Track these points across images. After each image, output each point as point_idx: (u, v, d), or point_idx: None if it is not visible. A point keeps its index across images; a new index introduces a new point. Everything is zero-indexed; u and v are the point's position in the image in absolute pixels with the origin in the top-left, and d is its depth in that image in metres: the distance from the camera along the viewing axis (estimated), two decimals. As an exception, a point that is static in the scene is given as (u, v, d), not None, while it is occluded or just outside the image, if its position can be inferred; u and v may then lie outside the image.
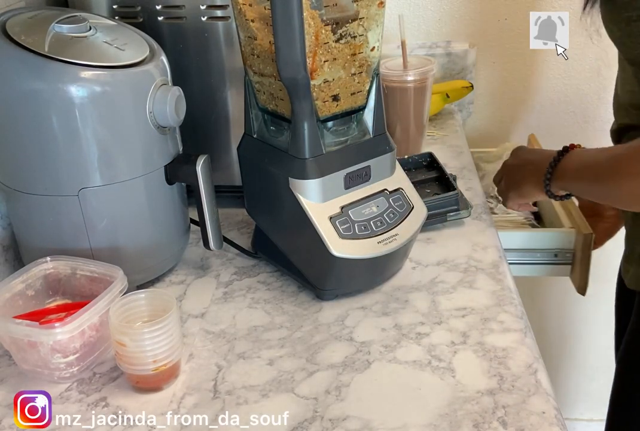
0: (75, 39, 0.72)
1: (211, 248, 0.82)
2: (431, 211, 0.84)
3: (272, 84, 0.73)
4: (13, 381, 0.68)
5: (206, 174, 0.77)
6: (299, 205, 0.73)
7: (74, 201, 0.73)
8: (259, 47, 0.71)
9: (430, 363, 0.67)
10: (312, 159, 0.72)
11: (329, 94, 0.72)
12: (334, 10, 0.68)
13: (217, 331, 0.74)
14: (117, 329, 0.63)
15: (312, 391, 0.65)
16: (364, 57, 0.72)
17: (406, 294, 0.78)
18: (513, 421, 0.60)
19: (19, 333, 0.64)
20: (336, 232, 0.73)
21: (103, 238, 0.75)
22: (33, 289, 0.71)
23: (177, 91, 0.75)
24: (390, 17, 1.17)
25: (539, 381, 0.64)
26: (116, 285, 0.68)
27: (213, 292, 0.81)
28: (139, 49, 0.75)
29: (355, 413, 0.62)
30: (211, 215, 0.79)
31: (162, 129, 0.75)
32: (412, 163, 0.99)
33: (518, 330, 0.71)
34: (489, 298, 0.77)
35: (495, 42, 1.35)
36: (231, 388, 0.66)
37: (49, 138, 0.70)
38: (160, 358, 0.64)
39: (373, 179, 0.77)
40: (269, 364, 0.69)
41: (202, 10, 0.86)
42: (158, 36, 0.83)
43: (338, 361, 0.68)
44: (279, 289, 0.81)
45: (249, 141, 0.80)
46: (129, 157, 0.73)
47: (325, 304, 0.78)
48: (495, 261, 0.83)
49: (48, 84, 0.68)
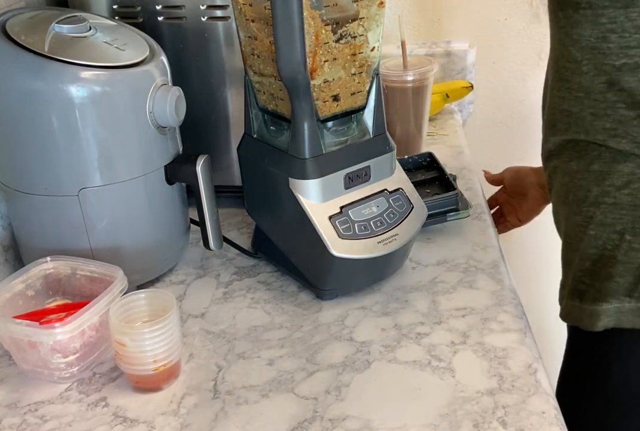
0: (75, 39, 0.72)
1: (211, 248, 0.82)
2: (431, 211, 0.84)
3: (272, 84, 0.73)
4: (13, 381, 0.68)
5: (206, 174, 0.77)
6: (299, 205, 0.73)
7: (74, 201, 0.73)
8: (259, 47, 0.71)
9: (430, 363, 0.67)
10: (312, 159, 0.72)
11: (329, 94, 0.72)
12: (334, 10, 0.68)
13: (217, 331, 0.74)
14: (117, 329, 0.63)
15: (312, 391, 0.65)
16: (364, 57, 0.72)
17: (406, 294, 0.78)
18: (513, 421, 0.60)
19: (19, 333, 0.64)
20: (336, 232, 0.73)
21: (103, 238, 0.75)
22: (33, 289, 0.71)
23: (177, 91, 0.75)
24: (390, 17, 1.17)
25: (539, 381, 0.64)
26: (116, 285, 0.68)
27: (213, 292, 0.81)
28: (139, 49, 0.75)
29: (355, 413, 0.62)
30: (211, 215, 0.79)
31: (162, 129, 0.75)
32: (412, 163, 0.99)
33: (518, 330, 0.71)
34: (489, 298, 0.77)
35: (495, 42, 1.35)
36: (231, 388, 0.66)
37: (49, 138, 0.70)
38: (160, 358, 0.64)
39: (373, 179, 0.77)
40: (269, 364, 0.69)
41: (202, 10, 0.86)
42: (158, 36, 0.83)
43: (338, 361, 0.68)
44: (279, 289, 0.81)
45: (249, 141, 0.80)
46: (129, 157, 0.73)
47: (325, 304, 0.78)
48: (495, 261, 0.83)
49: (48, 84, 0.68)
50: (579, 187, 0.73)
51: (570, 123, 0.73)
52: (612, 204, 0.70)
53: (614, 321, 0.71)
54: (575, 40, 0.67)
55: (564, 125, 0.74)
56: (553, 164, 0.77)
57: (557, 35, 0.71)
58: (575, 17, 0.66)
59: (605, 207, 0.71)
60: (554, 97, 0.75)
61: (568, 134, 0.73)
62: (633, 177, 0.69)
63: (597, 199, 0.71)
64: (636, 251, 0.70)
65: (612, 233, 0.71)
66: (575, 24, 0.66)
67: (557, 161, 0.77)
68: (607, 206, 0.71)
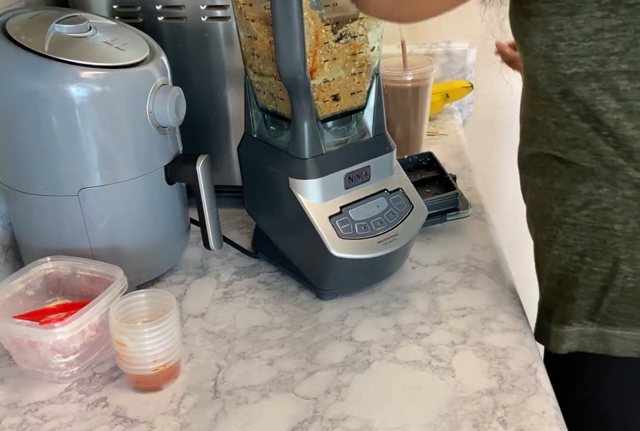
0: (75, 39, 0.72)
1: (211, 248, 0.82)
2: (431, 211, 0.84)
3: (272, 84, 0.73)
4: (13, 381, 0.68)
5: (206, 174, 0.77)
6: (299, 205, 0.73)
7: (74, 201, 0.72)
8: (259, 47, 0.71)
9: (430, 363, 0.67)
10: (312, 159, 0.72)
11: (329, 94, 0.72)
12: (334, 10, 0.68)
13: (217, 331, 0.74)
14: (117, 329, 0.63)
15: (312, 391, 0.65)
16: (364, 57, 0.72)
17: (406, 294, 0.78)
18: (513, 421, 0.60)
19: (19, 333, 0.64)
20: (336, 232, 0.73)
21: (103, 238, 0.75)
22: (33, 289, 0.71)
23: (177, 91, 0.75)
24: (390, 17, 1.17)
25: (539, 381, 0.64)
26: (116, 285, 0.68)
27: (213, 292, 0.81)
28: (139, 49, 0.75)
29: (355, 413, 0.62)
30: (211, 215, 0.79)
31: (162, 129, 0.75)
32: (412, 163, 0.99)
33: (518, 330, 0.71)
34: (489, 298, 0.77)
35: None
36: (231, 388, 0.66)
37: (49, 138, 0.70)
38: (160, 358, 0.64)
39: (373, 179, 0.77)
40: (269, 364, 0.69)
41: (202, 10, 0.86)
42: (158, 36, 0.83)
43: (338, 361, 0.68)
44: (279, 289, 0.81)
45: (249, 141, 0.80)
46: (129, 157, 0.73)
47: (325, 304, 0.78)
48: (495, 261, 0.83)
49: (48, 84, 0.68)
50: (543, 205, 0.72)
51: (536, 133, 0.71)
52: (572, 225, 0.69)
53: (577, 344, 0.69)
54: (529, 49, 0.66)
55: (531, 134, 0.73)
56: (523, 179, 0.77)
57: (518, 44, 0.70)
58: (527, 25, 0.64)
59: (566, 227, 0.69)
60: (523, 105, 0.74)
61: (534, 145, 0.72)
62: (591, 198, 0.67)
63: (559, 218, 0.70)
64: (596, 274, 0.68)
65: (573, 255, 0.69)
66: (528, 32, 0.64)
67: (526, 176, 0.76)
68: (568, 226, 0.69)
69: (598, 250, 0.67)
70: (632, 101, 0.62)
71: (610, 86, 0.62)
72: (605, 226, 0.66)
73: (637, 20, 0.59)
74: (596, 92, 0.63)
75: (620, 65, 0.61)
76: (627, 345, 0.66)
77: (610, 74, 0.61)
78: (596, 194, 0.66)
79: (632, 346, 0.66)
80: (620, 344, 0.66)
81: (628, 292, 0.66)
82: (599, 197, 0.66)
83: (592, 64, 0.62)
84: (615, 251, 0.66)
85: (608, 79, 0.62)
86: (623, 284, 0.66)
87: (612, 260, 0.66)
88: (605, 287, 0.67)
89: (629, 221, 0.65)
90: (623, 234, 0.65)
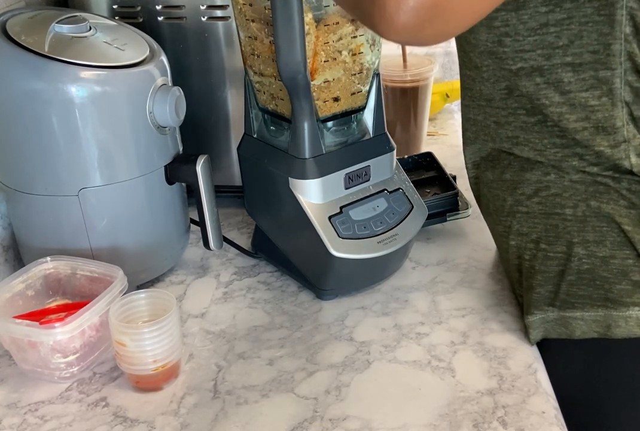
0: (75, 39, 0.72)
1: (211, 248, 0.82)
2: (431, 211, 0.84)
3: (272, 84, 0.73)
4: (13, 381, 0.68)
5: (206, 174, 0.77)
6: (299, 205, 0.73)
7: (74, 201, 0.73)
8: (259, 47, 0.71)
9: (430, 363, 0.67)
10: (312, 159, 0.72)
11: (329, 94, 0.72)
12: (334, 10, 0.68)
13: (217, 331, 0.74)
14: (117, 329, 0.63)
15: (312, 391, 0.65)
16: (364, 57, 0.72)
17: (406, 294, 0.78)
18: (513, 421, 0.60)
19: (19, 333, 0.64)
20: (336, 232, 0.73)
21: (103, 238, 0.75)
22: (33, 289, 0.71)
23: (177, 91, 0.75)
24: (390, 17, 1.17)
25: (539, 381, 0.64)
26: (116, 285, 0.68)
27: (213, 292, 0.81)
28: (139, 49, 0.75)
29: (355, 413, 0.62)
30: (211, 215, 0.79)
31: (162, 129, 0.75)
32: (412, 163, 0.99)
33: (518, 330, 0.71)
34: (489, 298, 0.77)
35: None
36: (231, 388, 0.66)
37: (49, 138, 0.70)
38: (160, 358, 0.64)
39: (373, 179, 0.77)
40: (269, 364, 0.69)
41: (202, 10, 0.86)
42: (158, 36, 0.83)
43: (338, 361, 0.68)
44: (279, 289, 0.81)
45: (249, 141, 0.80)
46: (129, 157, 0.73)
47: (325, 304, 0.78)
48: (495, 261, 0.83)
49: (48, 84, 0.68)
50: (496, 197, 0.73)
51: (478, 132, 0.72)
52: (525, 213, 0.69)
53: (541, 332, 0.69)
54: (474, 45, 0.66)
55: (472, 134, 0.74)
56: (474, 175, 0.77)
57: (459, 42, 0.70)
58: None
59: (520, 216, 0.70)
60: (461, 106, 0.75)
61: (478, 142, 0.73)
62: (540, 185, 0.68)
63: (512, 208, 0.71)
64: (552, 260, 0.68)
65: (529, 242, 0.70)
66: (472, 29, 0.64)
67: (476, 171, 0.77)
68: (522, 215, 0.70)
69: (551, 236, 0.68)
70: (575, 92, 0.63)
71: (555, 80, 0.63)
72: (556, 212, 0.68)
73: (581, 14, 0.60)
74: (540, 86, 0.64)
75: (565, 58, 0.62)
76: (587, 326, 0.66)
77: (555, 67, 0.63)
78: (544, 181, 0.68)
79: (592, 327, 0.66)
80: (581, 325, 0.66)
81: (584, 273, 0.66)
82: (548, 183, 0.68)
83: (538, 58, 0.63)
84: (568, 235, 0.67)
85: (553, 73, 0.63)
86: (579, 267, 0.66)
87: (565, 244, 0.67)
88: (562, 271, 0.67)
89: (578, 205, 0.66)
90: (574, 218, 0.67)
